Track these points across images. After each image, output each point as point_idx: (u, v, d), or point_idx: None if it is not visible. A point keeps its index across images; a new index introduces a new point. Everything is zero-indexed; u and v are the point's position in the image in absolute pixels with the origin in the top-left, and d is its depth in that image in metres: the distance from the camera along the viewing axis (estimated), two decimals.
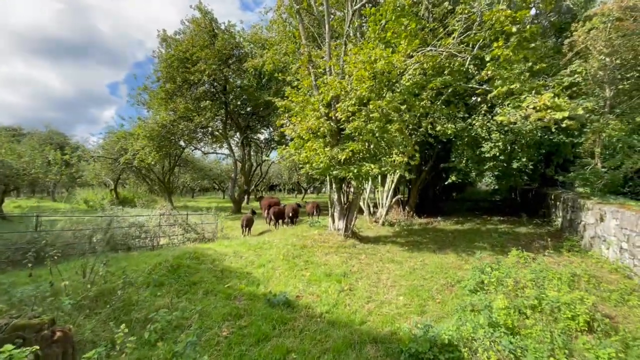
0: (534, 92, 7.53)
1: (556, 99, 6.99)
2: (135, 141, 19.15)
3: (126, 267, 5.83)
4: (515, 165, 12.64)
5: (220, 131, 22.63)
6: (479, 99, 13.38)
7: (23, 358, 2.66)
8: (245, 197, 22.97)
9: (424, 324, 4.56)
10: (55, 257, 4.72)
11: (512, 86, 7.56)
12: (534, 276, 6.02)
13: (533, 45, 7.35)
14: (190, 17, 18.80)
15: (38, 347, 2.83)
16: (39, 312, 3.65)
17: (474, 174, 14.44)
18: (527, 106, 7.15)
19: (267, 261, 7.76)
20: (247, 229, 12.45)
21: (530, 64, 8.73)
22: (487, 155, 12.36)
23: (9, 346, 2.66)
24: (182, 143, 22.59)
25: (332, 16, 12.34)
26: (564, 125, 7.06)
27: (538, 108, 6.96)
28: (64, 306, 3.79)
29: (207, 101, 20.12)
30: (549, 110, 7.00)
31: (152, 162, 19.63)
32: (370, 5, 9.93)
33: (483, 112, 12.26)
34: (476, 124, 12.21)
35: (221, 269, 6.99)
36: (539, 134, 12.11)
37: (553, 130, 11.89)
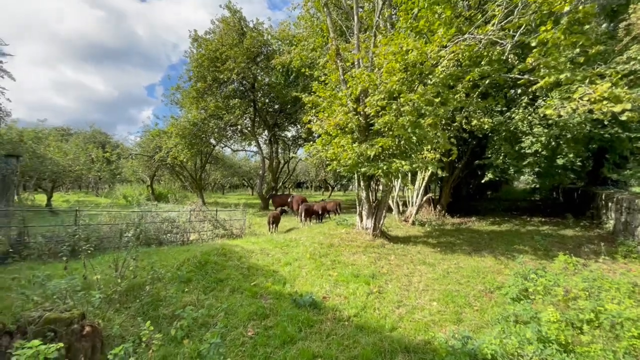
0: (587, 81, 6.73)
1: (614, 89, 6.19)
2: (169, 139, 19.81)
3: (155, 262, 5.90)
4: (560, 162, 11.60)
5: (249, 129, 22.87)
6: (519, 91, 12.41)
7: (50, 354, 2.64)
8: (274, 193, 23.10)
9: (462, 335, 4.16)
10: (89, 251, 4.82)
11: (560, 75, 6.80)
12: (586, 285, 5.37)
13: (587, 26, 6.55)
14: (220, 17, 19.06)
15: (63, 345, 2.80)
16: (70, 306, 3.69)
17: (512, 170, 13.47)
18: (580, 97, 6.39)
19: (294, 259, 7.61)
20: (274, 225, 12.42)
21: (578, 50, 7.85)
22: (528, 150, 11.43)
23: (35, 342, 2.64)
24: (212, 141, 23.10)
25: (360, 9, 11.93)
26: (623, 118, 6.24)
27: (593, 100, 6.20)
28: (94, 300, 3.81)
29: (236, 99, 20.39)
30: (605, 102, 6.22)
31: (185, 160, 20.22)
32: None
33: (524, 104, 11.34)
34: (516, 117, 11.32)
35: (248, 267, 6.92)
36: (588, 128, 10.98)
37: (606, 123, 10.76)
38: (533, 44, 6.87)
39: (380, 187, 10.47)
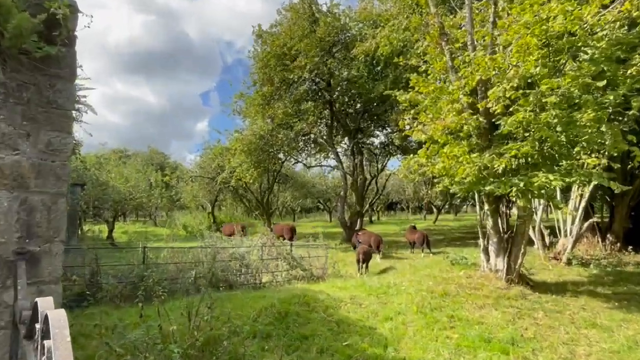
0: None
1: None
2: (233, 157, 21.88)
3: (230, 311, 6.53)
4: None
5: (325, 137, 23.85)
6: None
7: None
8: (359, 220, 23.25)
9: None
10: (163, 297, 5.65)
11: None
12: None
13: None
14: (288, 4, 20.69)
15: None
16: None
17: None
18: None
19: (396, 313, 7.58)
20: (364, 265, 12.56)
21: None
22: None
23: None
24: (281, 155, 24.57)
25: None
26: None
27: None
28: (174, 356, 4.42)
29: (309, 102, 21.61)
30: None
31: (251, 181, 22.01)
32: None
33: None
34: None
35: (337, 320, 7.13)
36: None
37: None
38: None
39: (515, 211, 9.78)
